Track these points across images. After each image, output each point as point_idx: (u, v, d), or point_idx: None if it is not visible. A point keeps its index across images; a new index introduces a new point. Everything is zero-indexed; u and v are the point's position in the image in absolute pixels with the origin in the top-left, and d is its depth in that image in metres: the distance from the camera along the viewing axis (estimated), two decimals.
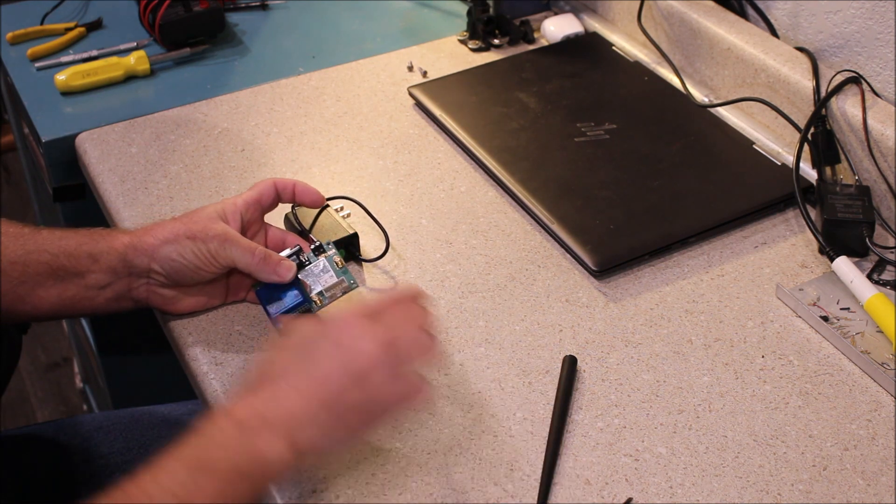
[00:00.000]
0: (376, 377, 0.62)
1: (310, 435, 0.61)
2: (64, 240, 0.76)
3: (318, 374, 0.62)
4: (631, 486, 0.69)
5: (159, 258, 0.75)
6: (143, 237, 0.76)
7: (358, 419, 0.63)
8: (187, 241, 0.75)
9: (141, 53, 1.14)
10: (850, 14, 0.96)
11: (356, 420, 0.63)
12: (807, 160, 0.94)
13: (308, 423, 0.61)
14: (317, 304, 0.79)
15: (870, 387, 0.76)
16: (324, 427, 0.62)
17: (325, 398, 0.62)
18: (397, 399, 0.64)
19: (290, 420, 0.61)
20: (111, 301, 0.77)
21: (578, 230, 0.88)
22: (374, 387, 0.62)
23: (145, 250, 0.75)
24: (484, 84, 1.09)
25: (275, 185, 0.81)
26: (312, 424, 0.61)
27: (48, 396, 1.97)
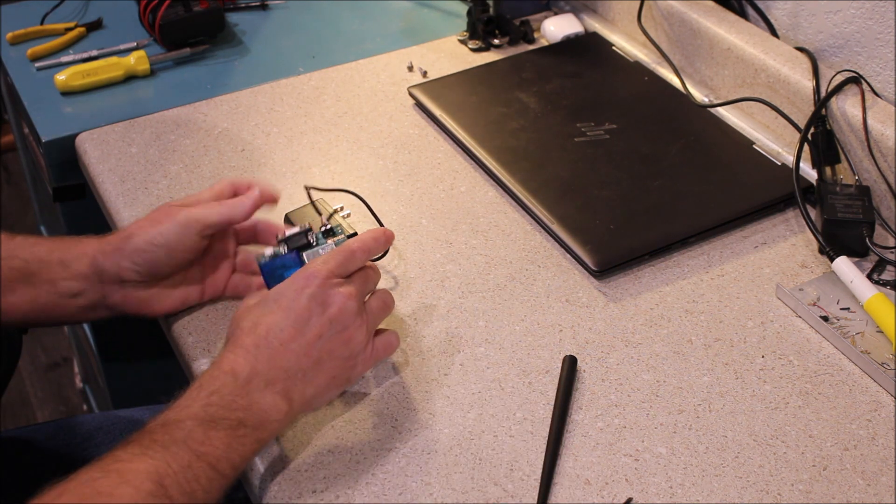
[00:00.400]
0: (352, 328, 0.70)
1: (302, 389, 0.68)
2: (37, 246, 0.76)
3: (303, 331, 0.68)
4: (631, 486, 0.69)
5: (129, 252, 0.75)
6: (109, 239, 0.77)
7: (342, 367, 0.70)
8: (151, 226, 0.76)
9: (141, 53, 1.14)
10: (850, 14, 0.96)
11: (340, 368, 0.70)
12: (807, 160, 0.94)
13: (301, 379, 0.68)
14: None
15: (870, 387, 0.76)
16: (313, 380, 0.68)
17: (311, 352, 0.68)
18: (372, 352, 0.72)
19: (286, 378, 0.67)
20: (86, 310, 0.77)
21: (578, 230, 0.88)
22: (350, 337, 0.70)
23: (113, 251, 0.76)
24: (484, 84, 1.09)
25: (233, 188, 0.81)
26: (304, 380, 0.68)
27: (48, 396, 1.97)
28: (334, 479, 0.69)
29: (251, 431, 0.64)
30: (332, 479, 0.69)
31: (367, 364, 0.72)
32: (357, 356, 0.71)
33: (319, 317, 0.69)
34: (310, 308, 0.69)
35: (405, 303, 0.83)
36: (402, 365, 0.78)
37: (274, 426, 0.66)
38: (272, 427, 0.66)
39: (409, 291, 0.85)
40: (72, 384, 1.97)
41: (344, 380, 0.71)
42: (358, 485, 0.68)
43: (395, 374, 0.77)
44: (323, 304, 0.69)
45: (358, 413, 0.74)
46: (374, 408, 0.74)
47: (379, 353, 0.73)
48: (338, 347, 0.69)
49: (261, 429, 0.65)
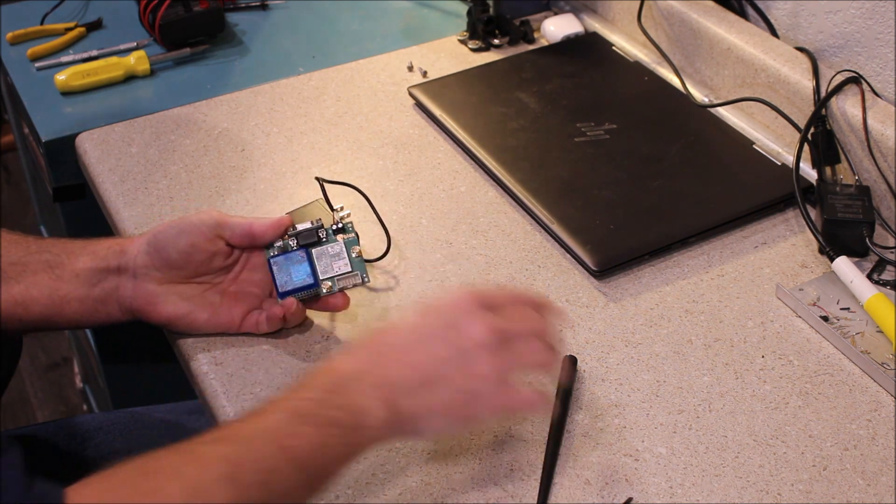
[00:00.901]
0: (481, 364, 0.63)
1: (407, 405, 0.62)
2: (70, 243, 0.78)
3: (422, 348, 0.64)
4: (631, 486, 0.69)
5: (147, 236, 0.76)
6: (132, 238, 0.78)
7: (457, 400, 0.63)
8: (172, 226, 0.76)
9: (141, 53, 1.14)
10: (850, 14, 0.96)
11: (455, 400, 0.63)
12: (807, 160, 0.94)
13: (406, 392, 0.62)
14: (325, 290, 0.78)
15: (870, 387, 0.76)
16: (420, 400, 0.63)
17: (426, 371, 0.63)
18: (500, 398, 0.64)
19: (389, 385, 0.62)
20: (97, 303, 0.76)
21: (578, 230, 0.88)
22: (477, 373, 0.63)
23: (138, 237, 0.77)
24: (484, 84, 1.09)
25: None
26: (410, 395, 0.62)
27: (48, 396, 1.97)
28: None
29: (343, 432, 0.61)
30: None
31: (493, 409, 0.64)
32: (479, 395, 0.63)
33: (445, 340, 0.64)
34: (441, 329, 0.64)
35: (405, 303, 0.83)
36: None
37: (369, 433, 0.62)
38: (367, 433, 0.61)
39: (409, 291, 0.85)
40: (72, 384, 1.97)
41: (460, 415, 0.63)
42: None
43: None
44: (455, 328, 0.64)
45: None
46: None
47: (512, 402, 0.64)
48: (457, 377, 0.63)
49: (354, 431, 0.61)
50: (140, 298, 0.77)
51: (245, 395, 0.75)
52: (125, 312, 0.77)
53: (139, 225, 0.92)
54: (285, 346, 0.79)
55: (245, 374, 0.77)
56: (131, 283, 0.76)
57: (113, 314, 0.77)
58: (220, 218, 0.76)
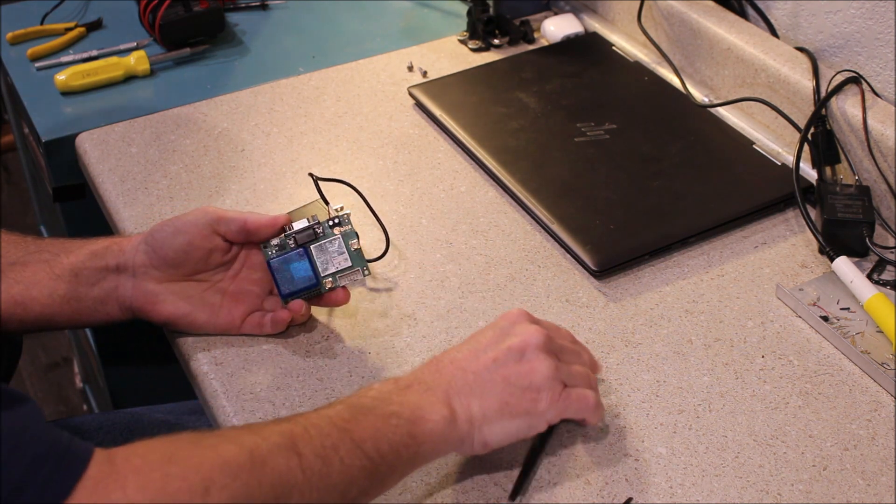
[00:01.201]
0: (536, 361, 0.66)
1: (467, 403, 0.64)
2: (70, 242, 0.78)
3: (480, 356, 0.66)
4: (631, 486, 0.69)
5: (145, 235, 0.76)
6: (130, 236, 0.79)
7: (515, 395, 0.65)
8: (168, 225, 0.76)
9: (141, 53, 1.14)
10: (850, 14, 0.96)
11: (512, 395, 0.65)
12: (807, 160, 0.94)
13: (466, 393, 0.65)
14: (328, 288, 0.78)
15: (870, 387, 0.76)
16: (481, 398, 0.65)
17: (482, 372, 0.65)
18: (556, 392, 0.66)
19: (448, 387, 0.65)
20: (96, 303, 0.76)
21: (578, 230, 0.88)
22: (532, 368, 0.66)
23: (134, 239, 0.77)
24: (484, 84, 1.09)
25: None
26: (470, 394, 0.65)
27: (48, 396, 1.97)
28: None
29: (404, 423, 0.62)
30: None
31: (555, 405, 0.66)
32: (540, 391, 0.65)
33: (497, 345, 0.67)
34: (492, 338, 0.67)
35: (405, 303, 0.83)
36: (403, 365, 0.78)
37: (431, 426, 0.62)
38: (428, 427, 0.62)
39: (409, 291, 0.85)
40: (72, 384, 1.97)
41: (523, 411, 0.65)
42: None
43: (394, 374, 0.77)
44: (506, 335, 0.67)
45: None
46: None
47: (571, 401, 0.67)
48: (514, 375, 0.65)
49: (415, 423, 0.62)
50: (139, 298, 0.77)
51: (245, 395, 0.75)
52: (125, 311, 0.77)
53: (139, 225, 0.92)
54: (286, 345, 0.79)
55: (245, 374, 0.77)
56: (130, 282, 0.76)
57: (113, 313, 0.77)
58: (216, 213, 0.76)
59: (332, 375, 0.77)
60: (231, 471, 0.54)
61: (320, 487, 0.57)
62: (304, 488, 0.57)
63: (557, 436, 0.72)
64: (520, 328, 0.68)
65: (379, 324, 0.81)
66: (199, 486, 0.52)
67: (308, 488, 0.57)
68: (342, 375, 0.77)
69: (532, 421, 0.66)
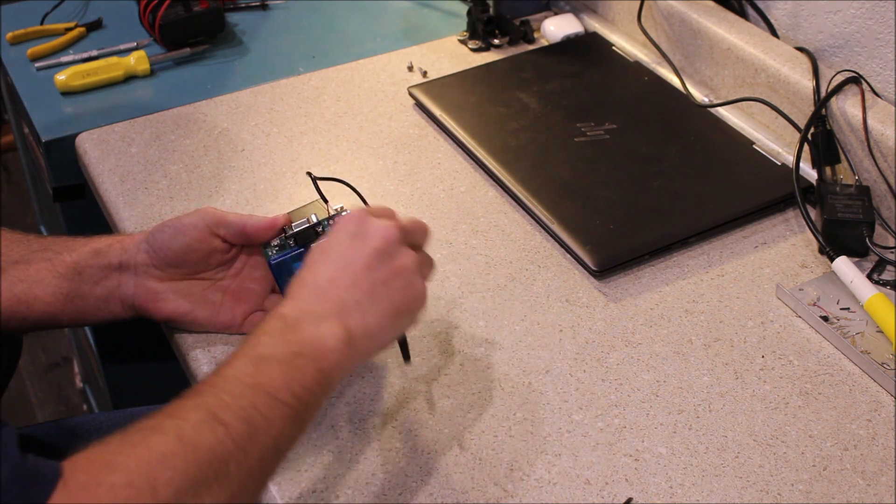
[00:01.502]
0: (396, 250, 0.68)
1: (360, 320, 0.65)
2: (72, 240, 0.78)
3: (345, 261, 0.67)
4: (631, 486, 0.69)
5: (147, 236, 0.76)
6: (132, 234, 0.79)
7: (391, 292, 0.67)
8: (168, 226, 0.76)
9: (141, 53, 1.14)
10: (850, 14, 0.96)
11: (391, 294, 0.67)
12: (807, 160, 0.94)
13: (357, 310, 0.65)
14: None
15: (870, 387, 0.76)
16: (371, 310, 0.66)
17: (358, 280, 0.66)
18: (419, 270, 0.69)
19: (340, 310, 0.65)
20: (100, 301, 0.77)
21: (578, 230, 0.88)
22: (397, 258, 0.68)
23: (136, 237, 0.77)
24: (484, 84, 1.09)
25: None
26: (361, 310, 0.66)
27: (48, 396, 1.97)
28: (334, 479, 0.69)
29: (309, 361, 0.62)
30: (332, 479, 0.69)
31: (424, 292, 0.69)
32: (415, 283, 0.68)
33: (363, 249, 0.67)
34: (351, 245, 0.68)
35: None
36: (402, 365, 0.78)
37: (334, 356, 0.63)
38: (332, 357, 0.63)
39: None
40: (72, 384, 1.97)
41: (407, 309, 0.68)
42: (358, 485, 0.68)
43: (394, 374, 0.77)
44: (364, 237, 0.68)
45: (358, 413, 0.74)
46: (374, 408, 0.74)
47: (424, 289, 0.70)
48: (390, 276, 0.67)
49: (319, 358, 0.63)
50: (141, 296, 0.77)
51: None
52: (127, 309, 0.78)
53: (139, 225, 0.92)
54: None
55: None
56: (132, 280, 0.77)
57: (115, 311, 0.78)
58: (215, 216, 0.76)
59: None
60: (168, 462, 0.54)
61: (253, 450, 0.58)
62: (238, 456, 0.57)
63: (556, 436, 0.72)
64: (371, 227, 0.68)
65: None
66: (146, 488, 0.52)
67: (242, 454, 0.57)
68: None
69: (413, 317, 0.70)
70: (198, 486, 0.54)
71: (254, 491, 0.59)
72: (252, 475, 0.58)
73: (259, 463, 0.58)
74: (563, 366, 0.78)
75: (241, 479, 0.57)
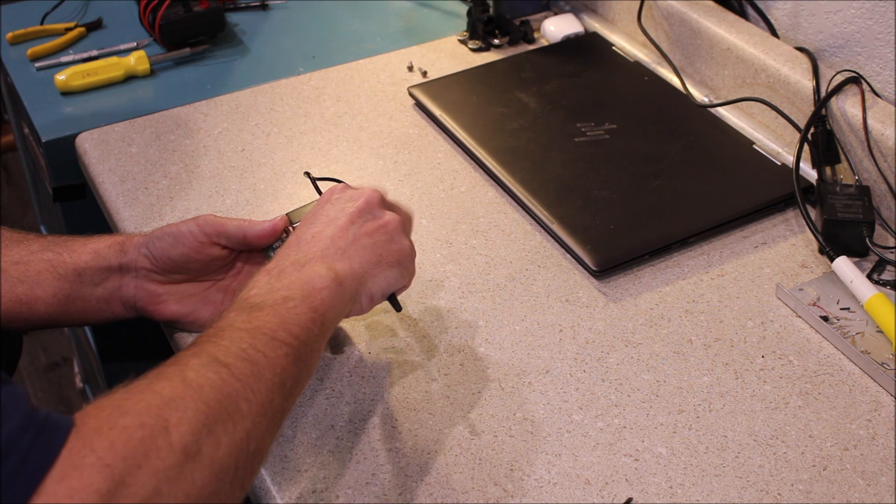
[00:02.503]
0: (378, 211, 0.72)
1: (345, 263, 0.68)
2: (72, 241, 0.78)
3: (328, 220, 0.70)
4: (631, 486, 0.69)
5: (147, 238, 0.76)
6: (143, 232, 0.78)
7: (375, 243, 0.70)
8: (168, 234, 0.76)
9: (141, 53, 1.14)
10: (850, 14, 0.96)
11: (375, 245, 0.70)
12: (807, 160, 0.94)
13: (340, 255, 0.68)
14: None
15: (870, 387, 0.76)
16: (356, 256, 0.69)
17: (341, 232, 0.69)
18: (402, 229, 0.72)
19: (322, 255, 0.68)
20: (101, 302, 0.77)
21: (578, 230, 0.88)
22: (380, 216, 0.71)
23: (138, 237, 0.77)
24: (484, 84, 1.09)
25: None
26: (344, 255, 0.68)
27: (48, 396, 1.97)
28: (334, 479, 0.69)
29: (300, 302, 0.63)
30: (332, 479, 0.69)
31: (411, 247, 0.72)
32: (400, 239, 0.71)
33: (345, 210, 0.71)
34: (334, 206, 0.71)
35: (405, 303, 0.83)
36: (402, 365, 0.78)
37: (323, 293, 0.65)
38: (322, 295, 0.65)
39: (410, 292, 0.84)
40: (72, 384, 1.97)
41: (395, 261, 0.71)
42: (358, 485, 0.68)
43: (394, 374, 0.77)
44: (346, 200, 0.71)
45: (358, 413, 0.74)
46: (373, 408, 0.74)
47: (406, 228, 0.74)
48: (373, 231, 0.70)
49: (309, 297, 0.64)
50: (143, 298, 0.77)
51: None
52: (129, 310, 0.78)
53: (139, 225, 0.92)
54: None
55: None
56: (133, 282, 0.77)
57: (117, 312, 0.78)
58: (215, 226, 0.76)
59: (332, 375, 0.77)
60: (176, 404, 0.54)
61: (259, 387, 0.58)
62: (246, 393, 0.57)
63: (556, 436, 0.72)
64: (352, 194, 0.72)
65: (379, 324, 0.81)
66: (158, 428, 0.52)
67: (250, 392, 0.57)
68: (342, 375, 0.77)
69: (403, 269, 0.72)
70: (211, 424, 0.54)
71: (270, 429, 0.59)
72: (265, 413, 0.58)
73: (269, 401, 0.59)
74: (563, 366, 0.78)
75: (255, 416, 0.57)
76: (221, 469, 0.54)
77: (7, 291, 0.74)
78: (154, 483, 0.50)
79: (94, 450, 0.50)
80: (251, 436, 0.56)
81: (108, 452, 0.50)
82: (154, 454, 0.51)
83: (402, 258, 0.72)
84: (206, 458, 0.53)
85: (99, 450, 0.50)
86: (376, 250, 0.70)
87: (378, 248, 0.70)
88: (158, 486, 0.50)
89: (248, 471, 0.57)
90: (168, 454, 0.51)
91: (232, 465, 0.55)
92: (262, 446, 0.58)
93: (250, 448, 0.56)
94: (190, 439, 0.53)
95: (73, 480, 0.48)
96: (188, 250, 0.76)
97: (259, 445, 0.58)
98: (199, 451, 0.53)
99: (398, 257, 0.71)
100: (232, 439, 0.55)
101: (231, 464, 0.55)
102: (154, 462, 0.51)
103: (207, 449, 0.53)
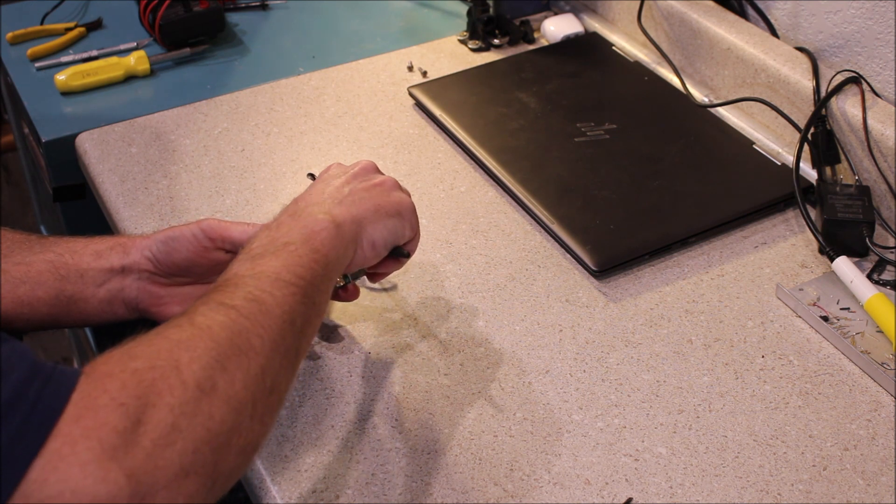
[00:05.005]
0: (373, 175, 0.75)
1: (338, 207, 0.69)
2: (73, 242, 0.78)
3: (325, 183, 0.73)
4: (631, 486, 0.69)
5: (150, 240, 0.77)
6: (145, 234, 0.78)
7: (373, 196, 0.72)
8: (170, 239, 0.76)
9: (141, 53, 1.14)
10: (850, 14, 0.96)
11: (372, 197, 0.72)
12: (807, 160, 0.94)
13: (336, 204, 0.70)
14: (338, 283, 0.77)
15: (870, 387, 0.76)
16: (352, 206, 0.70)
17: (339, 190, 0.72)
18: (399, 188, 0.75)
19: (320, 202, 0.70)
20: (104, 304, 0.76)
21: (578, 230, 0.88)
22: (375, 178, 0.74)
23: (140, 239, 0.77)
24: (484, 84, 1.09)
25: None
26: (340, 204, 0.70)
27: None
28: (334, 479, 0.69)
29: (301, 245, 0.64)
30: (332, 479, 0.69)
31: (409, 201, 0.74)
32: (395, 192, 0.73)
33: (342, 175, 0.73)
34: (332, 174, 0.74)
35: (405, 303, 0.83)
36: (403, 365, 0.78)
37: (323, 234, 0.66)
38: (322, 236, 0.66)
39: (410, 291, 0.85)
40: None
41: (394, 211, 0.72)
42: (358, 485, 0.68)
43: (394, 374, 0.77)
44: (344, 169, 0.74)
45: (358, 413, 0.74)
46: (373, 408, 0.74)
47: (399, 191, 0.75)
48: (370, 187, 0.72)
49: (310, 239, 0.65)
50: (145, 299, 0.77)
51: None
52: (131, 311, 0.78)
53: (139, 225, 0.92)
54: None
55: None
56: (136, 283, 0.77)
57: (119, 313, 0.78)
58: (219, 232, 0.76)
59: (332, 376, 0.77)
60: (186, 344, 0.54)
61: (270, 324, 0.58)
62: (257, 329, 0.57)
63: (556, 435, 0.72)
64: (347, 167, 0.75)
65: (379, 324, 0.82)
66: (169, 368, 0.52)
67: (260, 328, 0.58)
68: (342, 375, 0.77)
69: (402, 220, 0.73)
70: (223, 360, 0.54)
71: (285, 366, 0.59)
72: (277, 348, 0.58)
73: (281, 337, 0.59)
74: (563, 366, 0.78)
75: (268, 352, 0.57)
76: (239, 403, 0.54)
77: (8, 292, 0.74)
78: (171, 419, 0.50)
79: (106, 391, 0.50)
80: (266, 371, 0.57)
81: (120, 392, 0.50)
82: (167, 392, 0.51)
83: (402, 209, 0.73)
84: (223, 393, 0.53)
85: (112, 390, 0.50)
86: (374, 200, 0.71)
87: (375, 199, 0.71)
88: (176, 422, 0.50)
89: (267, 407, 0.57)
90: (182, 391, 0.51)
91: (250, 400, 0.55)
92: (278, 383, 0.58)
93: (266, 384, 0.56)
94: (202, 375, 0.53)
95: (89, 420, 0.48)
96: (192, 255, 0.76)
97: (275, 381, 0.58)
98: (213, 386, 0.53)
99: (397, 208, 0.72)
100: (247, 374, 0.55)
101: (248, 398, 0.55)
102: (168, 399, 0.51)
103: (223, 384, 0.54)
